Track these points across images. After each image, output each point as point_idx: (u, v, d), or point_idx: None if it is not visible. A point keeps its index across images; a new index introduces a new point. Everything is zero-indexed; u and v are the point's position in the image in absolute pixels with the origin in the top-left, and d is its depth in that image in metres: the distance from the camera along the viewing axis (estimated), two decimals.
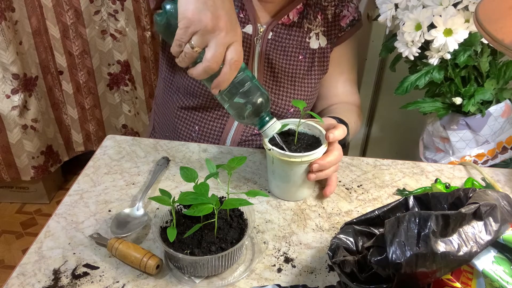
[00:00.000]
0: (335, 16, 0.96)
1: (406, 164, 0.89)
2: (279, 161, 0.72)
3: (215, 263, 0.62)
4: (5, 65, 1.57)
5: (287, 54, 0.94)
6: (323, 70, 0.99)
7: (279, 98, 0.96)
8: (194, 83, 0.94)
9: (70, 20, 1.64)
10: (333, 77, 1.02)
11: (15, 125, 1.67)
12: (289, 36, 0.94)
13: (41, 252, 0.67)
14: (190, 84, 0.94)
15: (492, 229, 0.49)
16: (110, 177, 0.82)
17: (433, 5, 0.80)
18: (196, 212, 0.60)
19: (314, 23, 0.95)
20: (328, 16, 0.96)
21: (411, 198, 0.59)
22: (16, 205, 1.94)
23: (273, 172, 0.76)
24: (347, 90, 1.03)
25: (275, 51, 0.93)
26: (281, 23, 0.93)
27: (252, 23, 0.92)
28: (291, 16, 0.93)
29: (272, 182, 0.78)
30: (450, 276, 0.51)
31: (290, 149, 0.73)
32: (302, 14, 0.94)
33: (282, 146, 0.73)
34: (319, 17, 0.95)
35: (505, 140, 0.95)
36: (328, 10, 0.96)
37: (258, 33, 0.92)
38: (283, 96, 0.96)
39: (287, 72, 0.95)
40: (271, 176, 0.78)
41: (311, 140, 0.77)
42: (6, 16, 1.51)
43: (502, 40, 0.56)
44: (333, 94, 1.03)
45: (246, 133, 0.97)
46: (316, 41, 0.96)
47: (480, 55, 0.85)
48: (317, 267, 0.67)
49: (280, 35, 0.93)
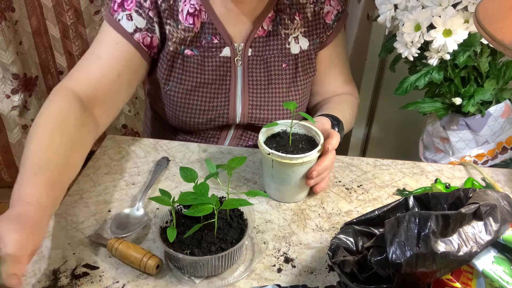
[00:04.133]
0: (316, 14, 0.92)
1: (406, 164, 0.89)
2: (279, 164, 0.72)
3: (215, 263, 0.62)
4: (5, 65, 1.57)
5: (270, 65, 0.92)
6: (310, 72, 0.97)
7: (268, 114, 0.94)
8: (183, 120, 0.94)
9: (70, 20, 1.64)
10: (326, 75, 1.00)
11: (15, 125, 1.67)
12: (268, 47, 0.91)
13: (41, 252, 0.67)
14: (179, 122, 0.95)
15: (492, 229, 0.49)
16: (110, 177, 0.82)
17: (432, 5, 0.80)
18: (196, 212, 0.60)
19: (292, 26, 0.91)
20: (308, 15, 0.92)
21: (411, 198, 0.59)
22: None
23: (273, 176, 0.75)
24: (339, 83, 1.02)
25: (258, 66, 0.91)
26: (258, 36, 0.90)
27: (228, 45, 0.89)
28: (266, 26, 0.90)
29: (272, 186, 0.78)
30: (450, 276, 0.51)
31: (287, 151, 0.73)
32: (276, 21, 0.90)
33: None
34: (297, 18, 0.91)
35: (505, 140, 0.95)
36: (307, 9, 0.91)
37: (237, 53, 0.90)
38: (272, 110, 0.94)
39: (273, 84, 0.93)
40: (269, 180, 0.77)
41: (304, 140, 0.77)
42: (6, 16, 1.51)
43: (502, 40, 0.56)
44: (327, 91, 1.02)
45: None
46: (296, 45, 0.93)
47: (479, 55, 0.85)
48: (317, 267, 0.67)
49: (260, 49, 0.91)
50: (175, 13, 0.86)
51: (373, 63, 1.35)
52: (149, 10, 0.85)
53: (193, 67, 0.89)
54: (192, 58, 0.89)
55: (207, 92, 0.91)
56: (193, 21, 0.87)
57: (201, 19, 0.87)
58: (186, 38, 0.88)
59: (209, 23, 0.88)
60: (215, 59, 0.89)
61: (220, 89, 0.91)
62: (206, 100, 0.91)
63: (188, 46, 0.88)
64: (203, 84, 0.90)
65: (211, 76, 0.90)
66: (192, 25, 0.87)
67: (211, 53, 0.89)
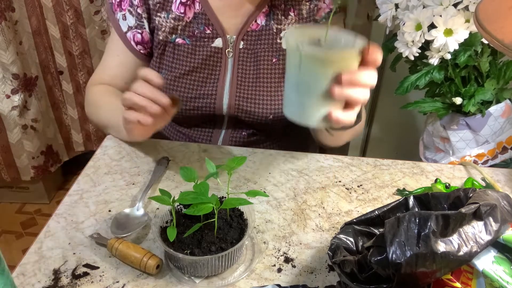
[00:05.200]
0: (310, 11, 0.91)
1: (406, 164, 0.89)
2: (309, 61, 0.57)
3: (215, 263, 0.62)
4: (5, 65, 1.57)
5: (261, 59, 0.92)
6: None
7: (256, 107, 0.93)
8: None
9: (70, 20, 1.64)
10: None
11: (15, 125, 1.68)
12: (260, 41, 0.91)
13: (41, 252, 0.67)
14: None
15: (492, 229, 0.49)
16: (110, 177, 0.82)
17: (433, 5, 0.80)
18: (196, 211, 0.60)
19: (285, 22, 0.91)
20: (303, 12, 0.91)
21: (411, 198, 0.59)
22: (16, 205, 1.94)
23: (298, 84, 0.60)
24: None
25: (248, 60, 0.92)
26: (250, 30, 0.90)
27: (221, 36, 0.90)
28: (259, 21, 0.90)
29: (294, 100, 0.62)
30: (450, 276, 0.51)
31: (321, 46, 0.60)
32: (269, 16, 0.91)
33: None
34: (292, 14, 0.91)
35: (505, 140, 0.95)
36: (303, 6, 0.91)
37: (229, 45, 0.90)
38: (261, 104, 0.93)
39: (263, 78, 0.92)
40: (293, 92, 0.61)
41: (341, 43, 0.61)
42: (6, 16, 1.51)
43: (502, 40, 0.56)
44: None
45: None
46: None
47: (480, 55, 0.85)
48: (317, 267, 0.67)
49: (252, 42, 0.91)
50: (169, 5, 0.89)
51: None
52: (138, 7, 0.90)
53: (184, 56, 0.91)
54: (183, 46, 0.91)
55: (195, 79, 0.92)
56: (184, 10, 0.89)
57: (194, 9, 0.89)
58: (177, 27, 0.90)
59: (203, 13, 0.89)
60: (207, 48, 0.90)
61: (208, 78, 0.92)
62: (194, 87, 0.92)
63: (180, 35, 0.90)
64: (192, 71, 0.91)
65: (200, 64, 0.91)
66: (183, 14, 0.89)
67: (203, 42, 0.90)
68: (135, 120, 0.71)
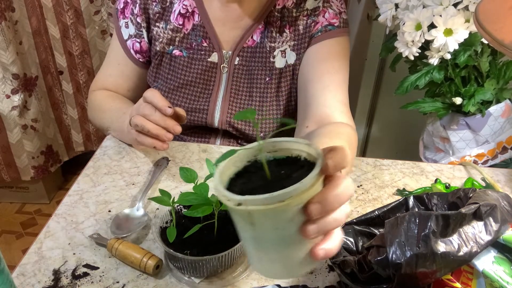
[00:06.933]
0: (307, 27, 0.88)
1: (406, 164, 0.89)
2: (265, 216, 0.39)
3: (215, 263, 0.62)
4: (5, 65, 1.57)
5: (254, 77, 0.91)
6: (294, 88, 0.92)
7: (247, 125, 0.92)
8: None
9: (70, 20, 1.64)
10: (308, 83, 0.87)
11: (15, 125, 1.67)
12: (254, 58, 0.90)
13: (41, 252, 0.67)
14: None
15: (492, 229, 0.49)
16: (110, 177, 0.82)
17: (433, 5, 0.80)
18: (196, 212, 0.60)
19: (280, 39, 0.89)
20: (299, 28, 0.89)
21: (411, 198, 0.59)
22: (16, 205, 1.94)
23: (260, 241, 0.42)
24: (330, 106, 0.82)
25: (242, 76, 0.91)
26: (246, 46, 0.89)
27: (217, 51, 0.89)
28: (255, 37, 0.89)
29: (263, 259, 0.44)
30: (450, 276, 0.51)
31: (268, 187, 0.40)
32: (263, 33, 0.89)
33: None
34: (287, 31, 0.89)
35: (505, 140, 0.95)
36: (300, 21, 0.88)
37: (224, 60, 0.90)
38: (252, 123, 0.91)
39: (255, 97, 0.91)
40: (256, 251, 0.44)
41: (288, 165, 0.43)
42: (6, 16, 1.51)
43: (502, 40, 0.56)
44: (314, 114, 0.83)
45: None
46: (282, 59, 0.90)
47: (480, 55, 0.85)
48: (317, 267, 0.66)
49: (247, 59, 0.90)
50: (168, 15, 0.89)
51: (373, 63, 1.35)
52: (137, 16, 0.90)
53: (180, 68, 0.91)
54: (180, 58, 0.91)
55: (189, 93, 0.92)
56: (183, 22, 0.89)
57: (193, 21, 0.89)
58: (174, 39, 0.90)
59: (201, 25, 0.89)
60: (203, 62, 0.90)
61: (202, 92, 0.92)
62: (187, 101, 0.93)
63: (177, 46, 0.90)
64: (186, 84, 0.92)
65: (195, 78, 0.91)
66: (181, 26, 0.89)
67: (200, 56, 0.90)
68: (151, 146, 0.75)
